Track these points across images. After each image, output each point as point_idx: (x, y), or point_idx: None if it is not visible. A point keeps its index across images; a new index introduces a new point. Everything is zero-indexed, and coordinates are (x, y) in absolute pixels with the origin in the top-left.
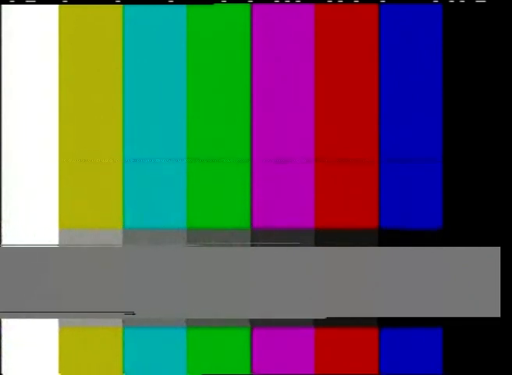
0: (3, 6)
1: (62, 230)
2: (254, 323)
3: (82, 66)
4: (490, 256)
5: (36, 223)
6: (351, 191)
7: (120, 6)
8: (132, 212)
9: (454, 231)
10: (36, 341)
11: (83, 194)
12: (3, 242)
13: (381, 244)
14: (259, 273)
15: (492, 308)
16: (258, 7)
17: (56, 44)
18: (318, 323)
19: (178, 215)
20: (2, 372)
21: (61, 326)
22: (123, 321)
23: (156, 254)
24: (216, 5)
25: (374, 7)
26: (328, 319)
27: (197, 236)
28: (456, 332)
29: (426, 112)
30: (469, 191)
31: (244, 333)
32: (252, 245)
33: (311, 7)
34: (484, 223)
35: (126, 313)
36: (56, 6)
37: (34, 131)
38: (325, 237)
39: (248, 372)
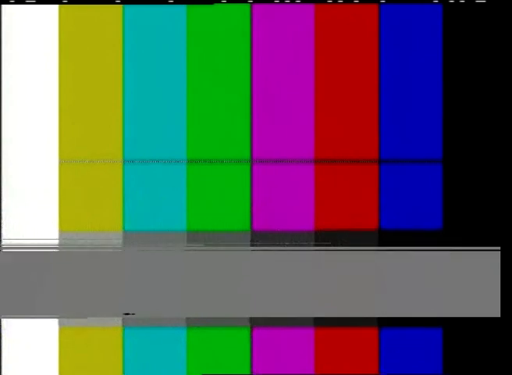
0: (3, 6)
1: (62, 232)
2: (254, 323)
3: (82, 66)
4: (490, 257)
5: (35, 225)
6: (351, 192)
7: (120, 6)
8: (132, 215)
9: (454, 232)
10: (36, 341)
11: (83, 196)
12: (3, 243)
13: (381, 245)
14: (259, 275)
15: (492, 309)
16: (258, 7)
17: (56, 44)
18: (318, 323)
19: (178, 217)
20: (2, 372)
21: (61, 326)
22: (123, 321)
23: (156, 255)
24: (216, 5)
25: (374, 7)
26: (328, 319)
27: (197, 238)
28: (456, 332)
29: (426, 113)
30: (469, 192)
31: (244, 333)
32: (252, 247)
33: (311, 7)
34: (484, 223)
35: (126, 314)
36: (56, 6)
37: (34, 132)
38: (325, 238)
39: (248, 372)
